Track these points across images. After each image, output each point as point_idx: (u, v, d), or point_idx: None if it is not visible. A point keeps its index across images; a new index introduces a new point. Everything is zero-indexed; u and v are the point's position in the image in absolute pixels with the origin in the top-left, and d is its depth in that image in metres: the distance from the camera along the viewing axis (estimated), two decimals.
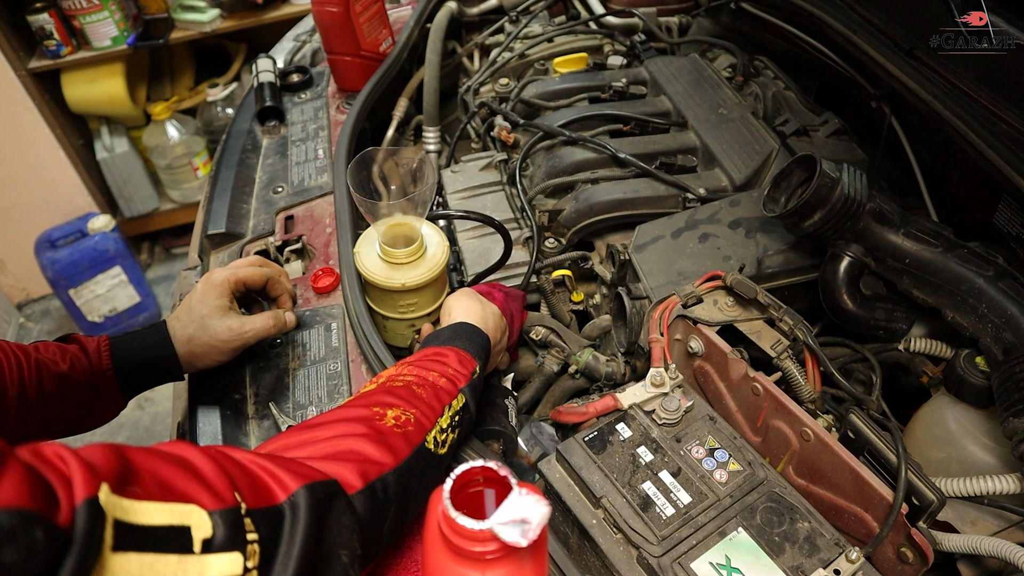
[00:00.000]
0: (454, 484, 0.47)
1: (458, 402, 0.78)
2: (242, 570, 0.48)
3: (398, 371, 0.80)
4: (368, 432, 0.68)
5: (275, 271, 1.01)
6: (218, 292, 0.93)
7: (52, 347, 0.85)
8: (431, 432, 0.73)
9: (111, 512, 0.41)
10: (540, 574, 0.49)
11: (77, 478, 0.40)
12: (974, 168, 1.11)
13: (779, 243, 1.10)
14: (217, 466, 0.51)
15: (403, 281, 0.99)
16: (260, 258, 1.04)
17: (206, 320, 0.92)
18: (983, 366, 0.88)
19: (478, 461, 0.48)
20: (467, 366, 0.82)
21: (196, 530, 0.46)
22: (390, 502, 0.65)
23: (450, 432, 0.76)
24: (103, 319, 2.80)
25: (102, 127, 2.88)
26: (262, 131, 1.52)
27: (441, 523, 0.46)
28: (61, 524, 0.38)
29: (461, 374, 0.81)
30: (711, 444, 0.83)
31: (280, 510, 0.53)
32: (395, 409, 0.72)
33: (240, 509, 0.50)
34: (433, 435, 0.73)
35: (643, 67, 1.54)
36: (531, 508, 0.44)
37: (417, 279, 0.99)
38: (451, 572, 0.47)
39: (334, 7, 1.45)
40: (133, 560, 0.42)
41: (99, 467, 0.43)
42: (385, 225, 1.01)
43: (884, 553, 0.77)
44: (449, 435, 0.76)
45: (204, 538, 0.46)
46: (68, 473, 0.41)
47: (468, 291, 0.97)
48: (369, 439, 0.67)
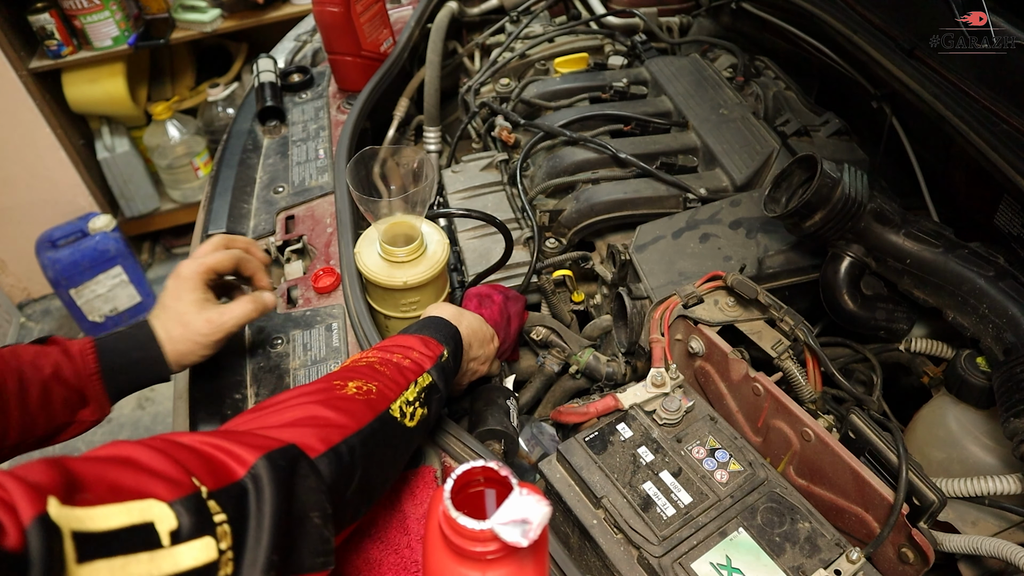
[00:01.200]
0: (455, 484, 0.47)
1: (424, 380, 0.77)
2: (217, 553, 0.47)
3: (361, 355, 0.80)
4: (328, 399, 0.67)
5: (241, 247, 0.97)
6: (190, 286, 0.90)
7: (31, 351, 0.81)
8: (396, 402, 0.72)
9: (66, 525, 0.40)
10: (541, 574, 0.49)
11: (20, 499, 0.39)
12: (975, 168, 1.11)
13: (780, 243, 1.10)
14: (165, 456, 0.50)
15: (405, 279, 0.99)
16: (224, 238, 0.98)
17: (184, 317, 0.89)
18: (984, 366, 0.88)
19: (479, 461, 0.48)
20: (433, 349, 0.82)
21: (160, 524, 0.45)
22: (355, 466, 0.64)
23: (419, 406, 0.75)
24: (104, 319, 2.81)
25: (103, 127, 2.89)
26: (263, 131, 1.52)
27: (442, 523, 0.47)
28: (11, 549, 0.37)
29: (427, 356, 0.81)
30: (712, 444, 0.83)
31: (242, 485, 0.52)
32: (357, 381, 0.72)
33: (201, 493, 0.49)
34: (399, 405, 0.72)
35: (644, 67, 1.54)
36: (532, 508, 0.44)
37: (418, 277, 1.00)
38: (452, 572, 0.47)
39: (335, 7, 1.45)
40: (102, 568, 0.41)
41: (41, 483, 0.41)
42: (385, 224, 1.01)
43: (885, 553, 0.77)
44: (418, 409, 0.74)
45: (170, 530, 0.45)
46: (8, 497, 0.39)
47: (445, 303, 0.99)
48: (328, 405, 0.66)
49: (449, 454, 0.86)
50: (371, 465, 0.66)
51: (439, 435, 0.87)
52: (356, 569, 0.75)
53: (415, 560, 0.75)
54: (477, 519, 0.44)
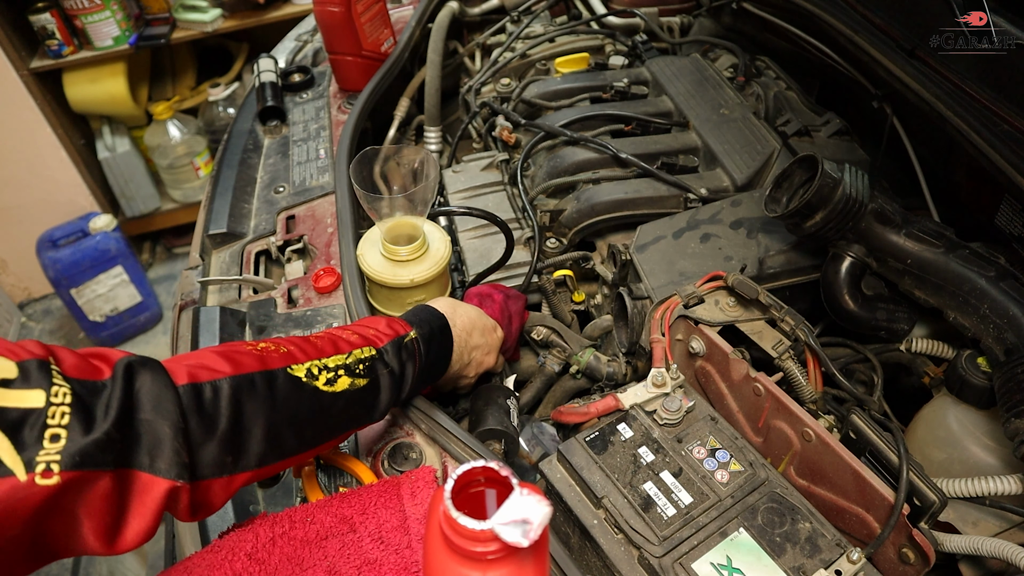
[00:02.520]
0: (455, 485, 0.47)
1: (365, 352, 0.78)
2: (44, 403, 0.52)
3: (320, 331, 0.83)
4: (227, 351, 0.69)
5: None
6: None
7: None
8: (304, 364, 0.72)
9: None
10: (541, 574, 0.49)
11: None
12: (976, 168, 1.11)
13: (781, 243, 1.10)
14: (46, 348, 0.57)
15: (411, 277, 1.00)
16: None
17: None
18: (985, 367, 0.88)
19: (479, 461, 0.48)
20: (396, 329, 0.83)
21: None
22: (219, 410, 0.64)
23: (346, 375, 0.75)
24: (104, 319, 2.81)
25: (104, 127, 2.89)
26: (264, 131, 1.52)
27: (442, 523, 0.47)
28: None
29: (383, 335, 0.81)
30: (712, 444, 0.83)
31: (102, 383, 0.58)
32: (268, 343, 0.74)
33: (50, 364, 0.55)
34: (307, 367, 0.72)
35: (644, 67, 1.54)
36: (532, 508, 0.44)
37: (423, 274, 1.01)
38: (452, 572, 0.47)
39: (336, 7, 1.45)
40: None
41: None
42: (388, 224, 1.02)
43: (885, 554, 0.77)
44: (346, 377, 0.75)
45: (5, 377, 0.52)
46: None
47: (443, 298, 1.00)
48: (222, 355, 0.68)
49: (450, 454, 0.86)
50: (241, 414, 0.66)
51: (439, 435, 0.87)
52: (356, 569, 0.75)
53: (415, 561, 0.75)
54: (478, 519, 0.44)
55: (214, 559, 0.71)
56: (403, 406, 0.90)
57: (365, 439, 0.90)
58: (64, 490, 0.52)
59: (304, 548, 0.71)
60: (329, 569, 0.70)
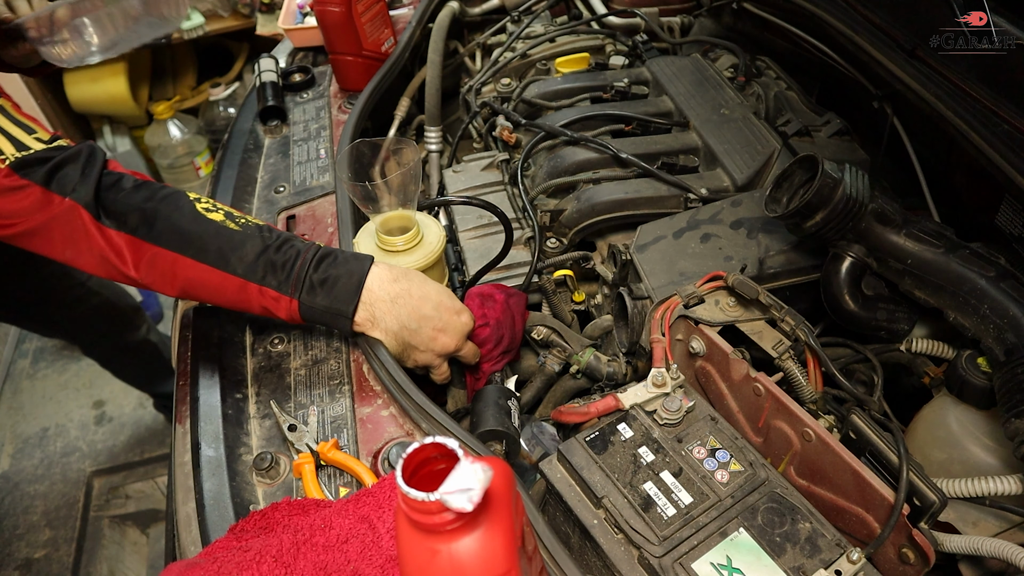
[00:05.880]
0: (409, 462, 0.48)
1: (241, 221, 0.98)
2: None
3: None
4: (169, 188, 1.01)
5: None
6: None
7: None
8: (196, 195, 0.99)
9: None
10: (509, 540, 0.49)
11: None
12: (976, 168, 1.11)
13: (781, 243, 1.10)
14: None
15: (405, 266, 1.01)
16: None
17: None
18: (985, 367, 0.88)
19: (428, 438, 0.49)
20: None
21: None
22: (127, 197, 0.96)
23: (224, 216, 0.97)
24: None
25: (104, 126, 2.89)
26: (264, 131, 1.52)
27: (400, 501, 0.48)
28: None
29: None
30: (712, 444, 0.83)
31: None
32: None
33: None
34: (200, 197, 0.99)
35: (645, 67, 1.54)
36: (474, 475, 0.45)
37: (416, 264, 1.04)
38: (421, 548, 0.48)
39: (336, 7, 1.45)
40: None
41: None
42: (383, 217, 1.05)
43: (885, 554, 0.77)
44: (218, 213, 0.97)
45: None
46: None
47: (410, 269, 1.04)
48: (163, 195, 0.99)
49: None
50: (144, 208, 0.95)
51: (439, 435, 0.87)
52: (379, 569, 0.75)
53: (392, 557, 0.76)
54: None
55: (243, 559, 0.71)
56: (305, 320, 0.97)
57: (365, 439, 0.90)
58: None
59: (327, 553, 0.72)
60: (354, 573, 0.71)
